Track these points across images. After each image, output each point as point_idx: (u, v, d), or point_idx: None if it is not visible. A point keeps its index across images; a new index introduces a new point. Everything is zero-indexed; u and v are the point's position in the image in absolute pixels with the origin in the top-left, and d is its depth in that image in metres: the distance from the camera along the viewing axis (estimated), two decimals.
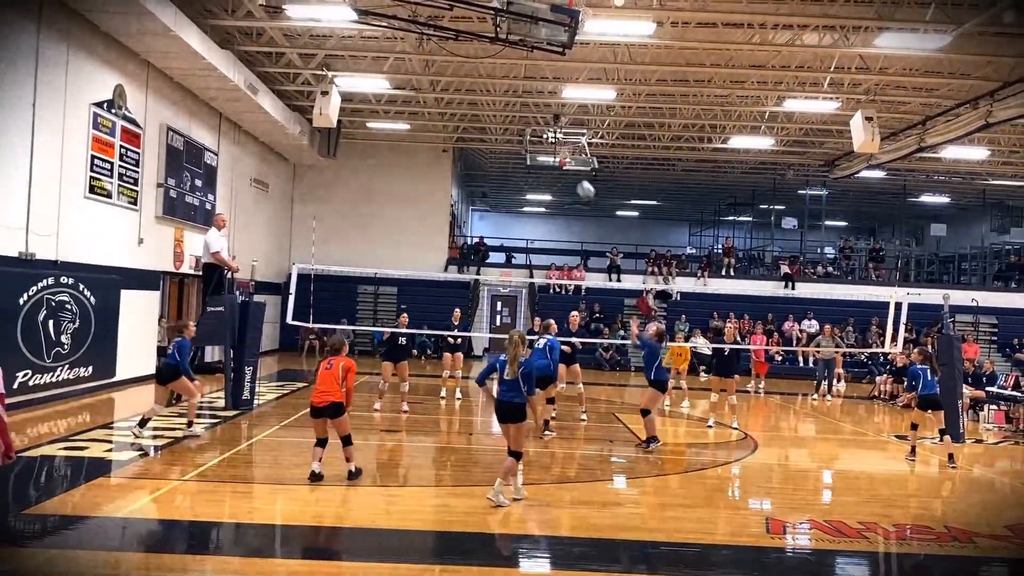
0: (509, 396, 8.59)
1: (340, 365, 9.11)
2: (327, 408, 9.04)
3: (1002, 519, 8.88)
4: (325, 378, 9.09)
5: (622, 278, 30.05)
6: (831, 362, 21.32)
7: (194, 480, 9.02)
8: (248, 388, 14.18)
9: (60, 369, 13.76)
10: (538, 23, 12.44)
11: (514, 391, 8.57)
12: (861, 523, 8.25)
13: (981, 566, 7.54)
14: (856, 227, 44.03)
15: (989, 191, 33.40)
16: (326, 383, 9.06)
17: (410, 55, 19.26)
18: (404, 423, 13.85)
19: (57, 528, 7.34)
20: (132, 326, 16.24)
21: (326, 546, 7.39)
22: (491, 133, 28.22)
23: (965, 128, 19.91)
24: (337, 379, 9.05)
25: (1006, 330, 28.63)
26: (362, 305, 28.37)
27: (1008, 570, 7.65)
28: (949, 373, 14.62)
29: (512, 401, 8.58)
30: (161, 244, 18.09)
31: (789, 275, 29.99)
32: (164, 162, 17.70)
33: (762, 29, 16.90)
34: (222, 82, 18.15)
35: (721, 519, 8.54)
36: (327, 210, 28.14)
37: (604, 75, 20.48)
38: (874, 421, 17.80)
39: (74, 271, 14.18)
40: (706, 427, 14.74)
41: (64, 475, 9.44)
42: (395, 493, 9.25)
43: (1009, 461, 13.50)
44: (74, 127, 14.35)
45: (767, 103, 22.09)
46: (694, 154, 29.02)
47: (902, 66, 18.65)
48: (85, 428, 11.89)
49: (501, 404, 8.66)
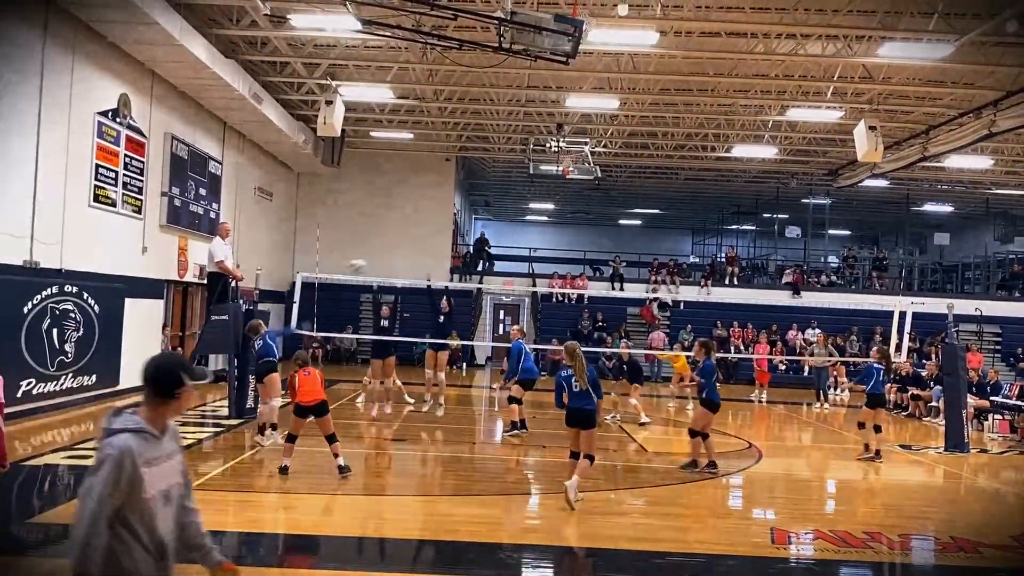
0: (581, 404, 9.05)
1: (316, 372, 9.96)
2: (316, 407, 9.74)
3: (1008, 529, 8.84)
4: (308, 381, 9.77)
5: (625, 287, 30.03)
6: (824, 371, 21.32)
7: (198, 489, 8.99)
8: (252, 397, 14.16)
9: (64, 378, 13.76)
10: (542, 33, 12.46)
11: (585, 399, 9.03)
12: (866, 533, 8.22)
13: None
14: (859, 236, 44.00)
15: (993, 200, 33.36)
16: (311, 384, 9.75)
17: (414, 65, 19.30)
18: (404, 431, 13.83)
19: (60, 538, 7.32)
20: (136, 335, 16.24)
21: (330, 555, 7.37)
22: (494, 142, 28.25)
23: (968, 137, 19.92)
24: (318, 382, 9.81)
25: (1010, 339, 28.57)
26: (365, 314, 28.34)
27: None
28: (953, 383, 14.62)
29: (584, 408, 9.03)
30: (165, 253, 18.12)
31: (793, 284, 29.97)
32: (168, 171, 17.74)
33: (765, 39, 16.91)
34: (226, 91, 18.20)
35: (726, 529, 8.51)
36: (331, 219, 28.18)
37: (607, 84, 20.52)
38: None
39: (78, 279, 14.19)
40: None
41: (68, 484, 9.41)
42: (401, 502, 9.24)
43: (1014, 471, 13.44)
44: (79, 136, 14.39)
45: (770, 112, 22.11)
46: (697, 163, 29.03)
47: (905, 76, 18.66)
48: (88, 437, 11.88)
49: (574, 412, 9.08)
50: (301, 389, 9.74)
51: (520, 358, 13.56)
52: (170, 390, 3.45)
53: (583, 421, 9.01)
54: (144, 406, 3.45)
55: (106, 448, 3.26)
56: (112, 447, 3.25)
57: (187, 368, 3.52)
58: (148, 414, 3.43)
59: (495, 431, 15.14)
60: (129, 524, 3.25)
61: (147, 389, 3.46)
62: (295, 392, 9.83)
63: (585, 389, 9.00)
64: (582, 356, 9.23)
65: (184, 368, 3.52)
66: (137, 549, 3.25)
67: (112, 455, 3.23)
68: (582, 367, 9.09)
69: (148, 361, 3.51)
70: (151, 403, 3.45)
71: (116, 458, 3.22)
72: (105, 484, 3.18)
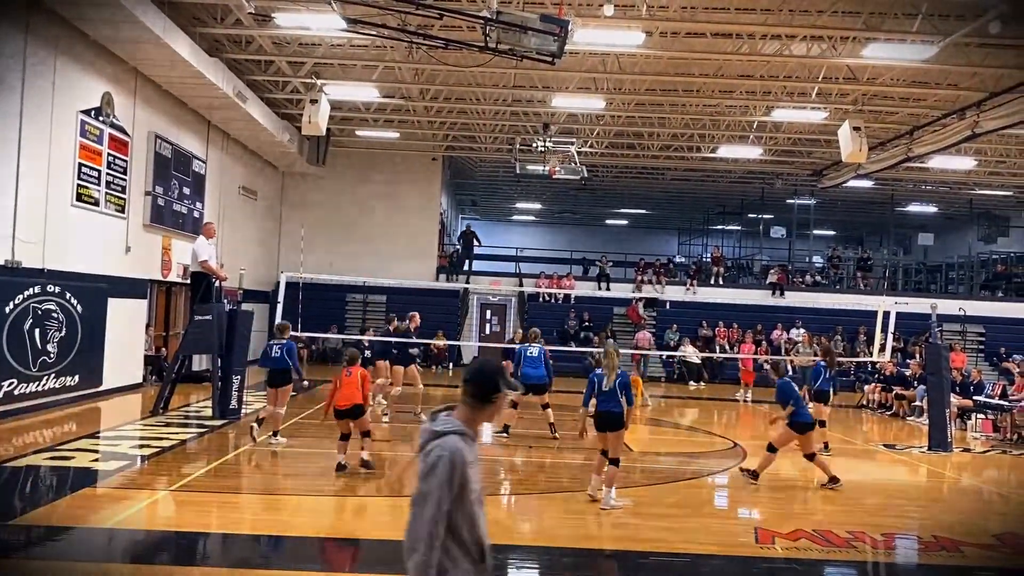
0: (608, 406, 9.12)
1: (358, 373, 10.31)
2: (351, 410, 10.24)
3: (990, 528, 8.91)
4: (348, 384, 10.25)
5: (611, 286, 30.07)
6: (809, 370, 21.35)
7: (181, 490, 8.96)
8: (235, 397, 14.11)
9: (46, 378, 13.66)
10: (528, 32, 12.45)
11: (613, 401, 9.10)
12: (850, 532, 8.26)
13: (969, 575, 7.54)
14: (844, 236, 44.20)
15: (976, 201, 33.60)
16: (349, 388, 10.22)
17: (400, 64, 19.26)
18: (389, 432, 13.81)
19: (43, 539, 7.29)
20: (119, 335, 16.15)
21: (313, 556, 7.34)
22: (481, 142, 28.23)
23: (952, 138, 20.03)
24: (357, 385, 10.26)
25: (993, 339, 28.74)
26: (351, 314, 28.29)
27: None
28: (937, 382, 14.70)
29: (612, 411, 9.09)
30: (149, 252, 18.01)
31: (777, 284, 30.09)
32: (152, 170, 17.63)
33: (751, 39, 16.97)
34: (211, 90, 18.10)
35: (710, 529, 8.53)
36: (316, 218, 28.09)
37: (593, 84, 20.54)
38: (862, 430, 17.83)
39: (61, 279, 14.09)
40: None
41: (50, 485, 9.36)
42: (388, 503, 9.21)
43: (996, 470, 13.55)
44: (61, 135, 14.28)
45: (756, 113, 22.18)
46: (683, 163, 29.10)
47: (889, 76, 18.75)
48: (71, 438, 11.81)
49: (601, 415, 9.16)
50: (340, 393, 10.24)
51: (519, 362, 13.65)
52: (488, 395, 3.53)
53: (611, 423, 9.08)
54: (461, 409, 3.54)
55: (436, 450, 3.34)
56: (444, 448, 3.33)
57: (505, 377, 3.62)
58: (466, 416, 3.52)
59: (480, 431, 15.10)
60: (455, 530, 3.30)
61: (467, 392, 3.55)
62: (334, 392, 10.32)
63: (612, 389, 9.08)
64: (616, 357, 9.32)
65: (502, 376, 3.61)
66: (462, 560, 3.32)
67: (445, 456, 3.30)
68: (613, 367, 9.19)
69: (471, 365, 3.67)
70: (469, 406, 3.54)
71: (449, 459, 3.29)
72: (442, 486, 3.26)
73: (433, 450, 3.34)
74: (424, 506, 3.26)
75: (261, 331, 23.50)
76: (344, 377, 10.28)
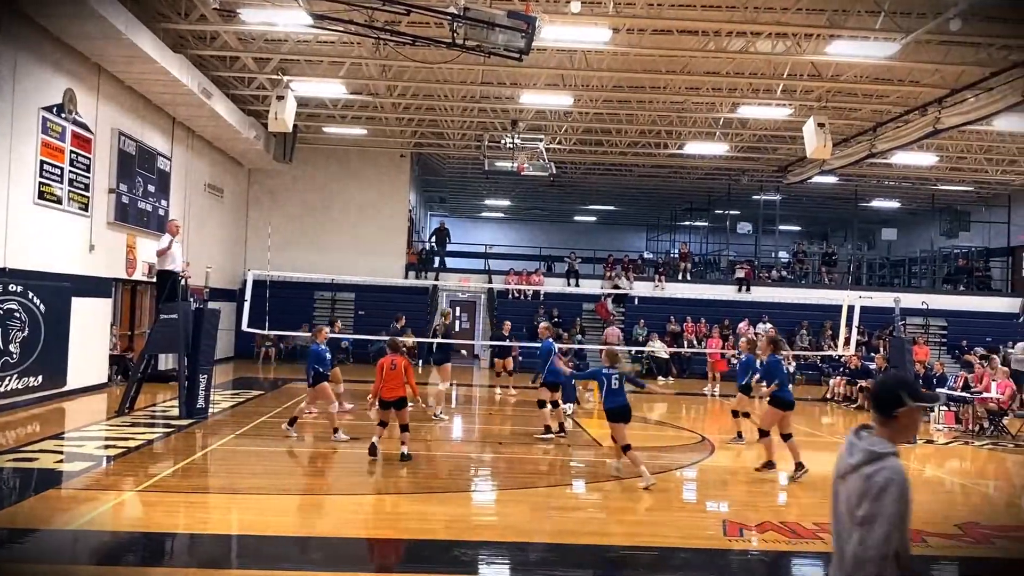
0: (616, 401, 10.09)
1: (402, 365, 10.70)
2: (396, 402, 10.72)
3: (952, 518, 9.04)
4: (392, 376, 10.65)
5: (580, 283, 30.16)
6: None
7: (148, 491, 8.87)
8: (202, 396, 13.97)
9: (8, 379, 13.45)
10: (495, 29, 12.44)
11: (620, 395, 10.09)
12: (816, 524, 8.36)
13: (932, 565, 7.66)
14: (809, 232, 44.63)
15: (938, 196, 34.11)
16: (394, 380, 10.64)
17: (367, 60, 19.15)
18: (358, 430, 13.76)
19: (6, 541, 7.18)
20: (83, 334, 15.94)
21: (282, 556, 7.30)
22: (449, 138, 28.17)
23: (914, 134, 20.31)
24: (401, 377, 10.64)
25: (955, 332, 29.24)
26: (319, 312, 28.12)
27: (959, 569, 7.80)
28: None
29: (621, 404, 10.07)
30: (113, 251, 17.78)
31: (744, 279, 30.35)
32: (116, 167, 17.39)
33: (716, 36, 17.09)
34: (175, 86, 17.88)
35: (678, 522, 8.61)
36: (283, 216, 27.94)
37: (561, 81, 20.58)
38: (827, 423, 18.05)
39: (23, 278, 13.87)
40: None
41: (13, 487, 9.24)
42: (356, 501, 9.19)
43: (959, 461, 13.78)
44: (22, 132, 14.04)
45: (721, 109, 22.35)
46: (650, 159, 29.27)
47: (853, 73, 18.96)
48: (35, 439, 11.64)
49: (611, 409, 10.08)
50: (386, 385, 10.64)
51: (548, 359, 13.32)
52: (888, 410, 3.33)
53: (621, 415, 10.04)
54: (875, 425, 3.36)
55: (885, 472, 3.15)
56: (894, 472, 3.15)
57: (910, 387, 3.38)
58: (883, 433, 3.33)
59: (452, 428, 15.11)
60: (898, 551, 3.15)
61: (872, 407, 3.39)
62: (380, 380, 10.69)
63: (619, 387, 10.07)
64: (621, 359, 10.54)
65: (906, 387, 3.38)
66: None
67: (897, 480, 3.13)
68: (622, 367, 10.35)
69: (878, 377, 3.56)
70: (879, 422, 3.36)
71: (902, 483, 3.13)
72: (897, 513, 3.11)
73: (879, 472, 3.16)
74: (873, 527, 3.11)
75: (228, 330, 23.41)
76: (389, 370, 10.63)
